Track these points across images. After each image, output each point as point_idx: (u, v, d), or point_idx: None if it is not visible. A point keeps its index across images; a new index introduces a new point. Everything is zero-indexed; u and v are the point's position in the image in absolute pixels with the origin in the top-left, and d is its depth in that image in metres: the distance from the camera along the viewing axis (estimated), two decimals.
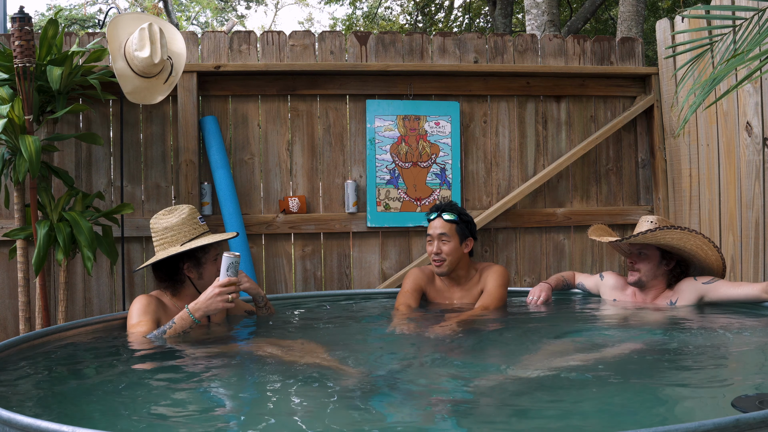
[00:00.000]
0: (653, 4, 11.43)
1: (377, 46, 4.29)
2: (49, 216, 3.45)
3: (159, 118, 4.12)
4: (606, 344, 2.54)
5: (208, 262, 2.70)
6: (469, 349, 2.55)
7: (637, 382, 2.05)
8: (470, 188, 4.41)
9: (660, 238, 2.91)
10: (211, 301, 2.51)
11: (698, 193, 4.24)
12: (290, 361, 2.28)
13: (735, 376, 2.17)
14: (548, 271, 4.46)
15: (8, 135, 3.28)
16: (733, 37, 3.20)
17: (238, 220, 3.97)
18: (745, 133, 3.82)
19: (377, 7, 14.21)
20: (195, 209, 2.75)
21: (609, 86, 4.55)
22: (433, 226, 3.17)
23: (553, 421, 1.74)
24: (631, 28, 6.45)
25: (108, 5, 16.04)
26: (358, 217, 4.25)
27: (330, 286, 4.25)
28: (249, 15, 37.03)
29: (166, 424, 1.77)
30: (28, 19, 3.27)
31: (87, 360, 2.46)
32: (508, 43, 4.44)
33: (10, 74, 3.40)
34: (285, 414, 1.79)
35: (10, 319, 3.94)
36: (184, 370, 2.25)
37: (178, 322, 2.52)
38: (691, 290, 2.98)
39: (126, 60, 3.49)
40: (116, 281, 4.05)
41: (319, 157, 4.30)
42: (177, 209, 2.73)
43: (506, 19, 9.78)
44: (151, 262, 2.70)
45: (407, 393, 1.97)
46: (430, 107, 4.30)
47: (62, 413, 1.86)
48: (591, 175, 4.56)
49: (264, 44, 4.20)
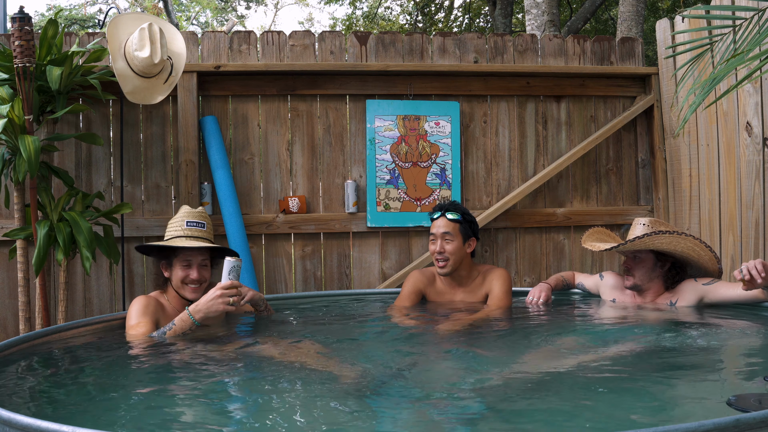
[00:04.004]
0: (653, 4, 11.43)
1: (377, 46, 4.29)
2: (49, 216, 3.46)
3: (159, 118, 4.12)
4: (605, 345, 2.54)
5: (177, 265, 2.72)
6: (468, 350, 2.55)
7: (636, 382, 2.05)
8: (470, 188, 4.41)
9: (649, 244, 2.92)
10: (212, 303, 2.50)
11: (698, 193, 4.23)
12: (290, 361, 2.28)
13: (735, 376, 2.17)
14: (548, 271, 4.46)
15: (8, 135, 3.28)
16: (733, 37, 3.20)
17: (238, 220, 3.97)
18: (745, 133, 3.82)
19: (377, 7, 14.21)
20: (192, 212, 2.77)
21: (609, 86, 4.55)
22: (436, 225, 3.17)
23: (553, 421, 1.74)
24: (631, 28, 6.45)
25: (108, 5, 16.04)
26: (358, 217, 4.25)
27: (330, 286, 4.25)
28: (249, 15, 37.01)
29: (165, 424, 1.77)
30: (28, 19, 3.27)
31: (87, 360, 2.46)
32: (508, 43, 4.44)
33: (10, 74, 3.40)
34: (284, 414, 1.79)
35: (10, 319, 3.94)
36: (184, 370, 2.25)
37: (178, 324, 2.52)
38: (691, 291, 2.98)
39: (126, 60, 3.49)
40: (116, 281, 4.05)
41: (319, 157, 4.30)
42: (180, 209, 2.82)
43: (506, 19, 9.78)
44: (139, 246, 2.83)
45: (407, 393, 1.97)
46: (430, 107, 4.30)
47: (62, 413, 1.86)
48: (591, 175, 4.56)
49: (264, 44, 4.20)
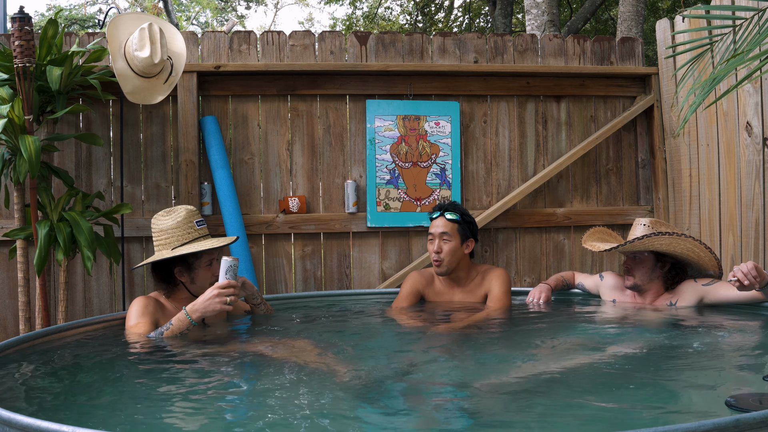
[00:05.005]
0: (653, 4, 11.43)
1: (377, 46, 4.29)
2: (49, 216, 3.45)
3: (159, 118, 4.12)
4: (605, 345, 2.54)
5: (201, 267, 2.69)
6: (467, 350, 2.55)
7: (636, 382, 2.05)
8: (470, 188, 4.41)
9: (649, 245, 2.92)
10: (209, 302, 2.50)
11: (698, 193, 4.23)
12: (289, 361, 2.28)
13: (735, 376, 2.17)
14: (548, 271, 4.46)
15: (8, 135, 3.28)
16: (733, 37, 3.20)
17: (238, 220, 3.97)
18: (745, 133, 3.82)
19: (377, 7, 14.21)
20: (194, 211, 2.71)
21: (609, 86, 4.55)
22: (435, 225, 3.18)
23: (553, 421, 1.74)
24: (631, 28, 6.45)
25: (108, 5, 16.05)
26: (358, 217, 4.25)
27: (330, 286, 4.25)
28: (249, 15, 37.04)
29: (164, 424, 1.77)
30: (28, 19, 3.27)
31: (87, 360, 2.46)
32: (508, 43, 4.44)
33: (10, 74, 3.40)
34: (284, 414, 1.79)
35: (10, 319, 3.94)
36: (183, 370, 2.25)
37: (176, 323, 2.52)
38: (691, 292, 2.98)
39: (126, 60, 3.49)
40: (116, 281, 4.05)
41: (319, 157, 4.30)
42: (175, 211, 2.70)
43: (506, 19, 9.78)
44: (144, 263, 2.71)
45: (407, 393, 1.97)
46: (430, 107, 4.30)
47: (62, 413, 1.86)
48: (591, 175, 4.56)
49: (264, 44, 4.20)
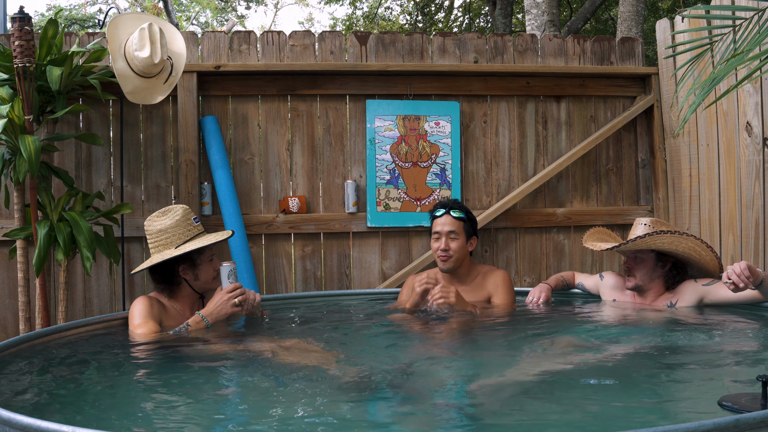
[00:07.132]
0: (653, 4, 11.43)
1: (377, 46, 4.29)
2: (49, 216, 3.45)
3: (159, 118, 4.12)
4: (605, 345, 2.54)
5: (204, 263, 2.75)
6: (467, 350, 2.55)
7: (636, 382, 2.05)
8: (470, 188, 4.41)
9: (651, 244, 2.91)
10: (222, 306, 2.64)
11: (698, 193, 4.23)
12: (289, 361, 2.28)
13: (735, 376, 2.17)
14: (548, 271, 4.46)
15: (8, 135, 3.28)
16: (733, 37, 3.20)
17: (238, 220, 3.97)
18: (745, 133, 3.82)
19: (377, 7, 14.21)
20: (189, 210, 2.75)
21: (609, 86, 4.55)
22: (440, 223, 3.17)
23: (552, 422, 1.74)
24: (631, 28, 6.45)
25: (108, 5, 16.04)
26: (358, 217, 4.25)
27: (330, 286, 4.25)
28: (249, 15, 37.05)
29: (164, 424, 1.77)
30: (28, 19, 3.27)
31: (87, 360, 2.46)
32: (508, 43, 4.44)
33: (10, 74, 3.40)
34: (283, 414, 1.79)
35: (10, 319, 3.94)
36: (184, 370, 2.25)
37: (193, 325, 2.62)
38: (691, 292, 2.98)
39: (126, 60, 3.49)
40: (116, 281, 4.05)
41: (319, 157, 4.30)
42: (170, 210, 2.73)
43: (506, 19, 9.78)
44: (145, 266, 2.72)
45: (407, 393, 1.97)
46: (430, 107, 4.30)
47: (62, 413, 1.86)
48: (591, 175, 4.56)
49: (264, 44, 4.20)
